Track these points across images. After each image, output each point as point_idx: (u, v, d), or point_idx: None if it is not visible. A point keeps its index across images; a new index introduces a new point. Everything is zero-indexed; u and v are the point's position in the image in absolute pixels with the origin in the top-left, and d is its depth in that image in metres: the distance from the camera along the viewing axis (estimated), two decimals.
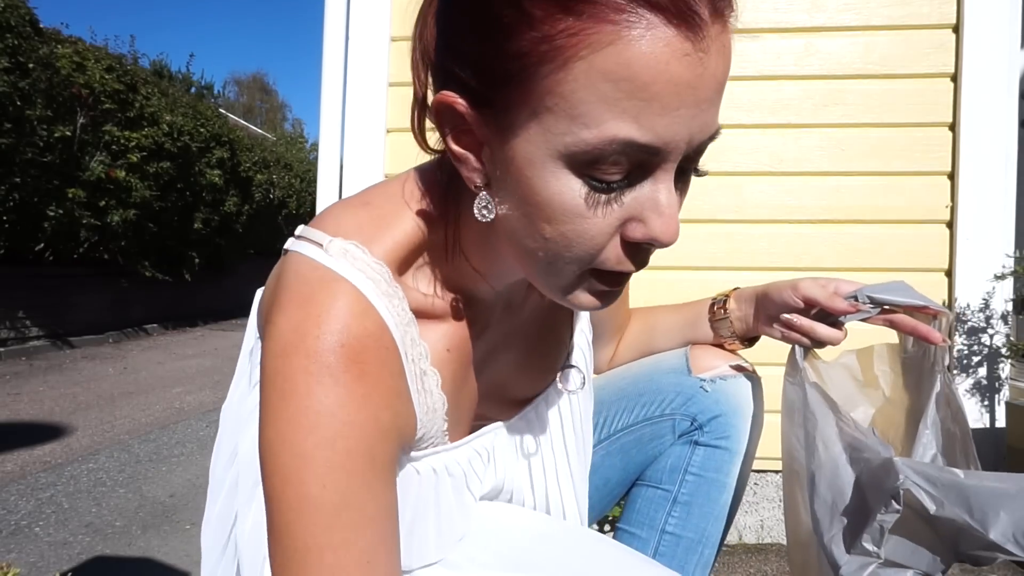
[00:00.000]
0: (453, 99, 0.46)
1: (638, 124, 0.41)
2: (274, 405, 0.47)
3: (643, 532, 0.82)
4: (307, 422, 0.46)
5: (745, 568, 1.79)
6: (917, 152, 1.92)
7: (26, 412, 3.65)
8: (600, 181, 0.43)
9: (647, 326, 0.91)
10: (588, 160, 0.42)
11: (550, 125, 0.43)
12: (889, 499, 0.58)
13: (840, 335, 0.75)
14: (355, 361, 0.48)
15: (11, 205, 5.46)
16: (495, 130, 0.46)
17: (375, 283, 0.50)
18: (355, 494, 0.47)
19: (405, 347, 0.53)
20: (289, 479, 0.46)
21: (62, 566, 1.83)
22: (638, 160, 0.43)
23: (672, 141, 0.43)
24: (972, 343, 1.92)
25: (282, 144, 13.73)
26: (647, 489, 0.83)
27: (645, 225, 0.45)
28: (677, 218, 0.46)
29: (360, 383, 0.48)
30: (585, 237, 0.45)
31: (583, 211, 0.44)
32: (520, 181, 0.45)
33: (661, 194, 0.45)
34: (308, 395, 0.46)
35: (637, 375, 0.87)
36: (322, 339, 0.47)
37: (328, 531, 0.46)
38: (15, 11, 5.20)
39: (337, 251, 0.50)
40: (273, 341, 0.48)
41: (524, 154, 0.44)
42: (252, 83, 31.00)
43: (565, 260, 0.47)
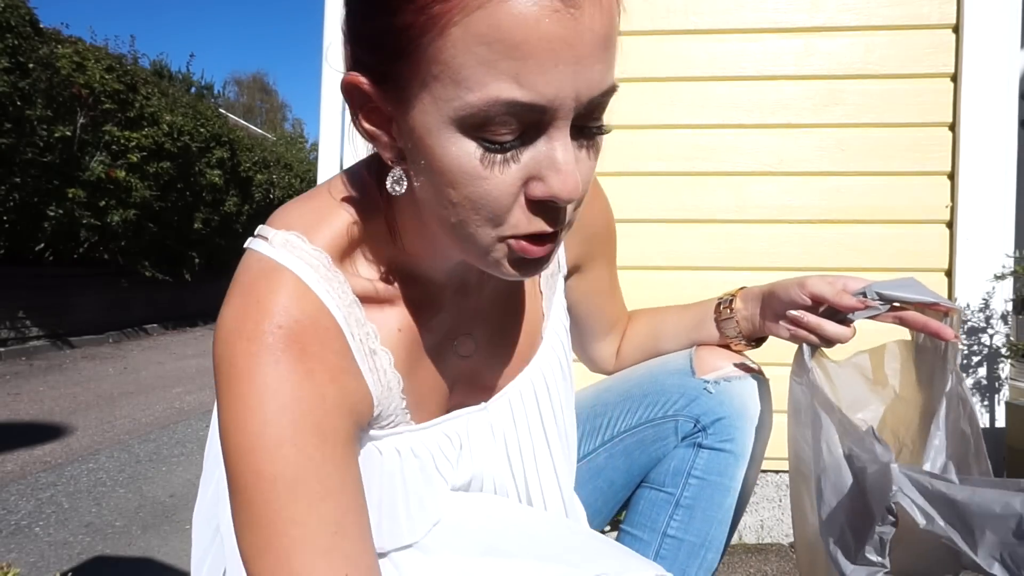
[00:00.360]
0: (357, 79, 0.48)
1: (518, 84, 0.42)
2: (223, 390, 0.50)
3: (644, 534, 0.81)
4: (252, 402, 0.48)
5: (745, 568, 1.79)
6: (917, 152, 1.92)
7: (26, 412, 3.65)
8: (492, 142, 0.44)
9: (653, 328, 0.90)
10: (477, 123, 0.43)
11: (439, 93, 0.44)
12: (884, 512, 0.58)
13: (849, 333, 0.73)
14: (295, 341, 0.50)
15: (11, 205, 5.46)
16: (396, 104, 0.48)
17: (314, 268, 0.53)
18: (308, 467, 0.48)
19: (350, 328, 0.55)
20: (243, 458, 0.48)
21: (62, 566, 1.83)
22: (528, 119, 0.44)
23: (557, 98, 0.43)
24: (972, 343, 1.92)
25: (282, 144, 13.73)
26: (650, 491, 0.83)
27: (544, 183, 0.46)
28: (576, 174, 0.46)
29: (301, 361, 0.50)
30: (489, 198, 0.46)
31: (480, 172, 0.45)
32: (422, 150, 0.47)
33: (557, 151, 0.45)
34: (251, 376, 0.49)
35: (641, 376, 0.86)
36: (261, 322, 0.50)
37: (289, 504, 0.47)
38: (15, 11, 5.21)
39: (279, 242, 0.53)
40: (218, 330, 0.51)
41: (422, 124, 0.46)
42: (252, 83, 31.01)
43: (476, 223, 0.48)
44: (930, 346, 0.73)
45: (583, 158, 0.48)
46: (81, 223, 6.18)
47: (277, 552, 0.47)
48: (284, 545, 0.47)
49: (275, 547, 0.47)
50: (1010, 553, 0.53)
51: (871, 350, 0.79)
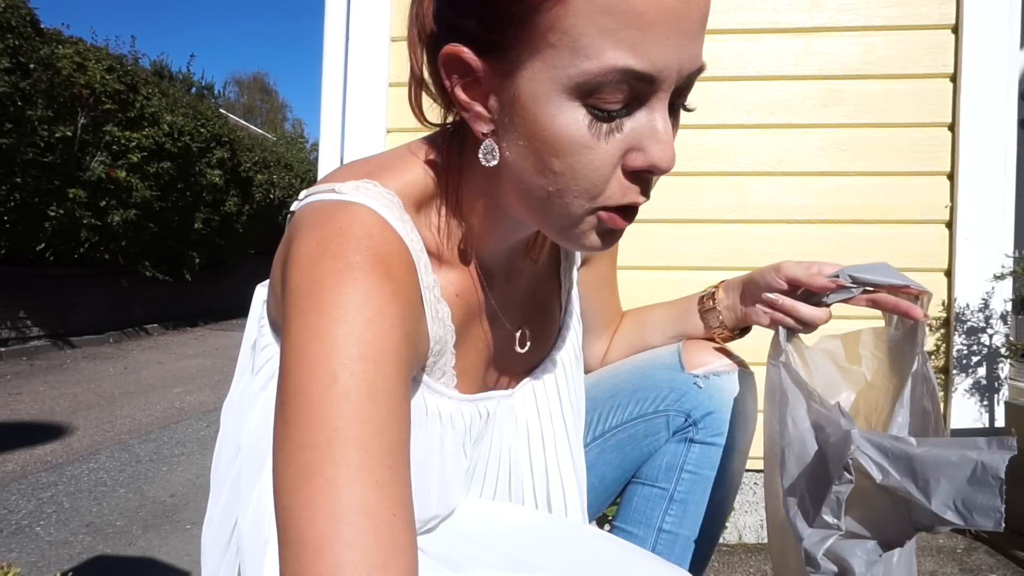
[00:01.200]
0: (459, 49, 0.49)
1: (634, 53, 0.44)
2: (302, 307, 0.46)
3: (640, 531, 0.82)
4: (336, 314, 0.45)
5: (745, 568, 1.79)
6: (917, 152, 1.92)
7: (27, 412, 3.65)
8: (601, 110, 0.46)
9: (639, 322, 0.92)
10: (590, 90, 0.45)
11: (553, 60, 0.45)
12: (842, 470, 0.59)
13: (823, 315, 0.75)
14: (381, 262, 0.48)
15: (12, 205, 5.46)
16: (500, 74, 0.48)
17: (388, 209, 0.52)
18: (383, 389, 0.45)
19: (420, 270, 0.54)
20: (316, 369, 0.44)
21: (63, 566, 1.83)
22: (635, 89, 0.46)
23: (665, 69, 0.45)
24: (972, 343, 1.92)
25: (282, 144, 13.73)
26: (643, 487, 0.84)
27: (645, 153, 0.48)
28: (673, 145, 0.48)
29: (388, 281, 0.48)
30: (591, 167, 0.47)
31: (588, 140, 0.46)
32: (527, 119, 0.48)
33: (658, 122, 0.47)
34: (336, 289, 0.46)
35: (630, 371, 0.87)
36: (346, 244, 0.48)
37: (355, 424, 0.43)
38: (16, 11, 5.21)
39: (348, 188, 0.52)
40: (297, 260, 0.48)
41: (530, 91, 0.47)
42: (252, 83, 31.01)
43: (574, 193, 0.49)
44: (902, 331, 0.74)
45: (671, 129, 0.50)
46: (82, 223, 6.18)
47: (330, 476, 0.41)
48: (339, 469, 0.41)
49: (328, 470, 0.41)
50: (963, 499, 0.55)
51: (844, 335, 0.80)
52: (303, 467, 0.42)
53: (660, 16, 0.43)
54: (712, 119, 1.98)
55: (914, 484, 0.56)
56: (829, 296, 0.74)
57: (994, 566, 1.71)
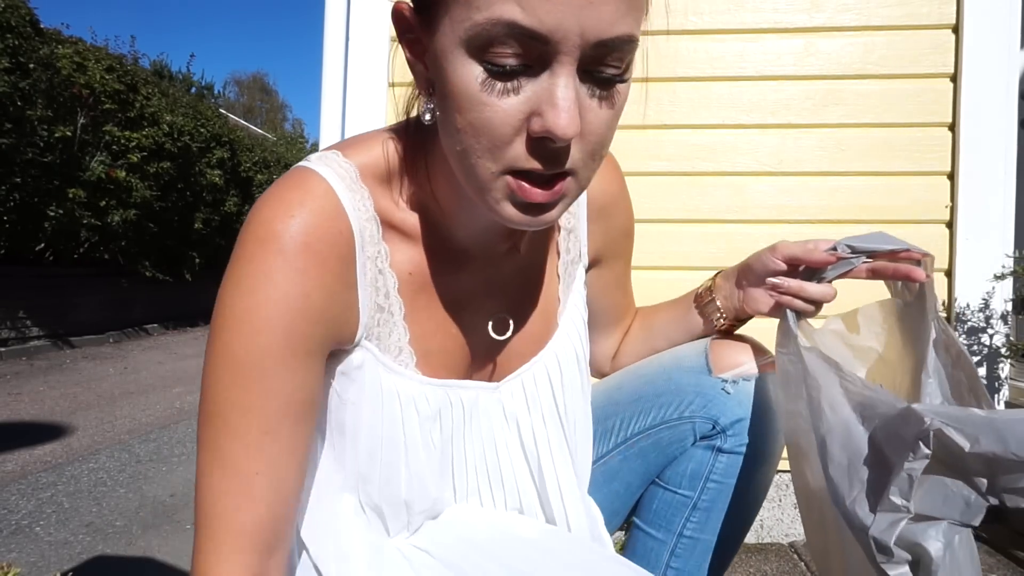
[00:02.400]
0: (402, 5, 0.51)
1: (521, 7, 0.43)
2: (228, 270, 0.52)
3: (660, 534, 0.79)
4: (245, 285, 0.51)
5: (745, 568, 1.79)
6: (917, 152, 1.92)
7: (26, 412, 3.65)
8: (496, 65, 0.45)
9: (645, 327, 0.89)
10: (481, 43, 0.45)
11: (455, 14, 0.46)
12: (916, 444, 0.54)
13: (830, 292, 0.73)
14: (301, 232, 0.52)
15: (12, 205, 5.46)
16: (427, 31, 0.50)
17: (340, 178, 0.55)
18: (266, 363, 0.51)
19: (363, 240, 0.56)
20: (221, 337, 0.51)
21: (63, 566, 1.83)
22: (531, 49, 0.45)
23: (559, 29, 0.44)
24: (972, 343, 1.92)
25: (282, 144, 13.73)
26: (665, 492, 0.80)
27: (542, 117, 0.46)
28: (572, 111, 0.46)
29: (301, 255, 0.52)
30: (489, 125, 0.47)
31: (483, 96, 0.46)
32: (440, 75, 0.49)
33: (558, 88, 0.45)
34: (251, 260, 0.51)
35: (654, 374, 0.83)
36: (276, 209, 0.52)
37: (240, 391, 0.50)
38: (16, 11, 5.20)
39: (315, 157, 0.56)
40: (243, 225, 0.53)
41: (441, 47, 0.48)
42: (252, 83, 30.99)
43: (477, 153, 0.49)
44: (911, 300, 0.71)
45: (592, 106, 0.48)
46: (81, 223, 6.17)
47: (214, 429, 0.51)
48: (220, 426, 0.51)
49: (214, 424, 0.51)
50: None
51: (844, 314, 0.78)
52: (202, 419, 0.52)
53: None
54: (712, 119, 1.97)
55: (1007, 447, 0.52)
56: (829, 271, 0.72)
57: (994, 566, 1.71)
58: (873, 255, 0.72)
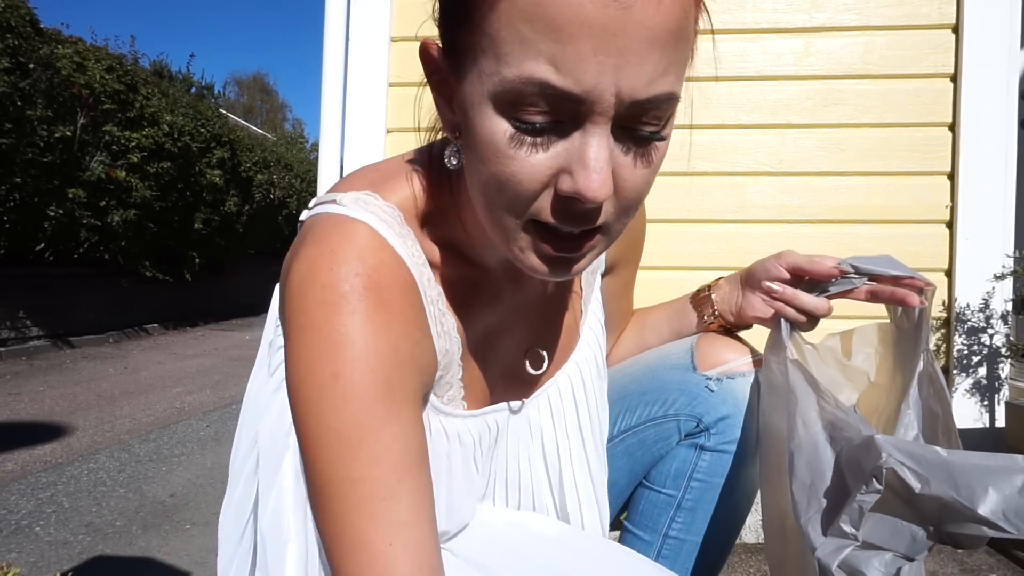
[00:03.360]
0: (431, 45, 0.49)
1: (554, 67, 0.41)
2: (294, 341, 0.48)
3: (646, 535, 0.80)
4: (325, 352, 0.47)
5: (745, 568, 1.79)
6: (917, 152, 1.92)
7: (26, 412, 3.65)
8: (523, 122, 0.43)
9: (639, 323, 0.90)
10: (510, 100, 0.43)
11: (484, 66, 0.44)
12: (870, 478, 0.56)
13: (825, 307, 0.72)
14: (372, 290, 0.48)
15: (12, 205, 5.46)
16: (455, 76, 0.48)
17: (387, 224, 0.52)
18: (371, 425, 0.47)
19: (423, 285, 0.54)
20: (310, 411, 0.47)
21: (62, 566, 1.83)
22: (563, 108, 0.42)
23: (594, 90, 0.41)
24: (972, 343, 1.92)
25: (282, 144, 13.73)
26: (650, 492, 0.80)
27: (572, 177, 0.44)
28: (605, 174, 0.43)
29: (378, 311, 0.48)
30: (514, 180, 0.45)
31: (508, 151, 0.44)
32: (467, 124, 0.47)
33: (590, 147, 0.43)
34: (325, 325, 0.47)
35: (641, 372, 0.84)
36: (338, 270, 0.48)
37: (347, 463, 0.46)
38: (15, 11, 5.20)
39: (349, 201, 0.52)
40: (290, 283, 0.49)
41: (468, 96, 0.46)
42: (252, 83, 31.01)
43: (500, 204, 0.47)
44: (906, 327, 0.72)
45: (627, 163, 0.45)
46: (81, 223, 6.17)
47: (334, 511, 0.47)
48: (339, 508, 0.47)
49: (332, 508, 0.47)
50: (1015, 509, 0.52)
51: (842, 333, 0.78)
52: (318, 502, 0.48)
53: (582, 31, 0.39)
54: (712, 119, 1.97)
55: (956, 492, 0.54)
56: (831, 286, 0.72)
57: (994, 566, 1.71)
58: (876, 278, 0.72)
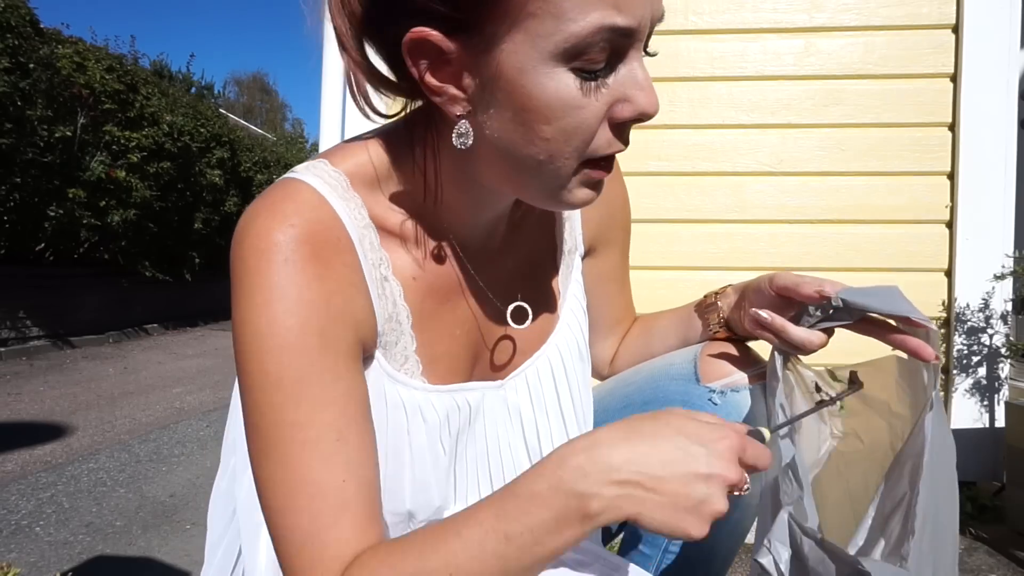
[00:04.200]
0: (426, 32, 0.48)
1: (618, 9, 0.45)
2: (234, 290, 0.50)
3: (647, 549, 0.78)
4: (260, 300, 0.49)
5: (745, 568, 1.79)
6: (917, 152, 1.92)
7: (26, 412, 3.65)
8: (588, 71, 0.47)
9: (646, 330, 0.87)
10: (577, 52, 0.46)
11: (536, 29, 0.45)
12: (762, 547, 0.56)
13: (816, 340, 0.65)
14: (305, 242, 0.50)
15: (11, 205, 5.46)
16: (475, 52, 0.48)
17: (331, 187, 0.54)
18: (311, 371, 0.49)
19: (363, 248, 0.55)
20: (250, 356, 0.49)
21: (62, 566, 1.83)
22: (616, 45, 0.47)
23: (643, 20, 0.47)
24: (972, 343, 1.92)
25: (282, 144, 13.73)
26: None
27: (631, 102, 0.49)
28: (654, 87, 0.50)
29: (311, 263, 0.50)
30: (583, 126, 0.48)
31: (580, 100, 0.47)
32: (511, 92, 0.48)
33: (638, 72, 0.49)
34: (259, 275, 0.49)
35: (643, 381, 0.81)
36: (273, 223, 0.50)
37: (291, 407, 0.48)
38: (16, 11, 5.20)
39: (301, 168, 0.55)
40: (234, 238, 0.51)
41: (513, 64, 0.47)
42: (252, 83, 31.01)
43: (564, 155, 0.50)
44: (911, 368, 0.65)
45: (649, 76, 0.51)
46: (81, 223, 6.17)
47: (280, 454, 0.48)
48: (286, 448, 0.48)
49: (278, 450, 0.48)
50: None
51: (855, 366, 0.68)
52: (260, 446, 0.49)
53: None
54: (712, 119, 1.97)
55: None
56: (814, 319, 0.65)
57: (994, 566, 1.71)
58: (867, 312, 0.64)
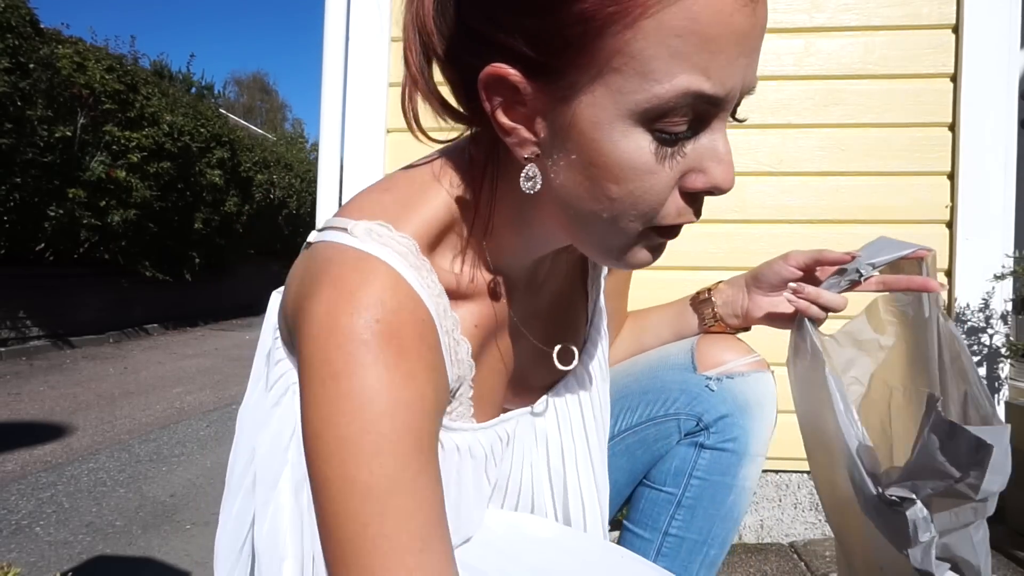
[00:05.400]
0: (504, 70, 0.46)
1: (707, 76, 0.43)
2: (315, 390, 0.46)
3: (646, 533, 0.81)
4: (350, 405, 0.45)
5: (745, 568, 1.79)
6: (917, 152, 1.92)
7: (26, 412, 3.65)
8: (668, 134, 0.45)
9: (637, 325, 0.90)
10: (658, 114, 0.44)
11: (618, 85, 0.43)
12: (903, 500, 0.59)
13: (843, 301, 0.75)
14: (393, 336, 0.46)
15: (12, 205, 5.46)
16: (553, 98, 0.46)
17: (403, 256, 0.49)
18: (403, 478, 0.45)
19: (439, 319, 0.52)
20: (335, 465, 0.45)
21: (63, 566, 1.83)
22: (700, 111, 0.45)
23: (733, 90, 0.45)
24: (972, 343, 1.92)
25: (282, 144, 13.71)
26: (650, 491, 0.82)
27: (706, 174, 0.47)
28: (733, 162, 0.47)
29: (401, 360, 0.46)
30: (652, 192, 0.47)
31: (652, 166, 0.45)
32: (584, 145, 0.46)
33: (719, 143, 0.47)
34: (349, 376, 0.45)
35: (641, 372, 0.84)
36: (356, 316, 0.46)
37: (379, 518, 0.44)
38: (16, 11, 5.21)
39: (362, 232, 0.50)
40: (308, 326, 0.47)
41: (589, 117, 0.45)
42: (252, 83, 31.00)
43: (629, 218, 0.48)
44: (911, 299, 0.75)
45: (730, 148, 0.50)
46: (81, 223, 6.17)
47: (364, 564, 0.44)
48: (370, 562, 0.44)
49: (361, 563, 0.44)
50: None
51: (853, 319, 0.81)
52: (340, 555, 0.44)
53: (731, 38, 0.43)
54: None
55: None
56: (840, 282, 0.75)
57: (994, 566, 1.71)
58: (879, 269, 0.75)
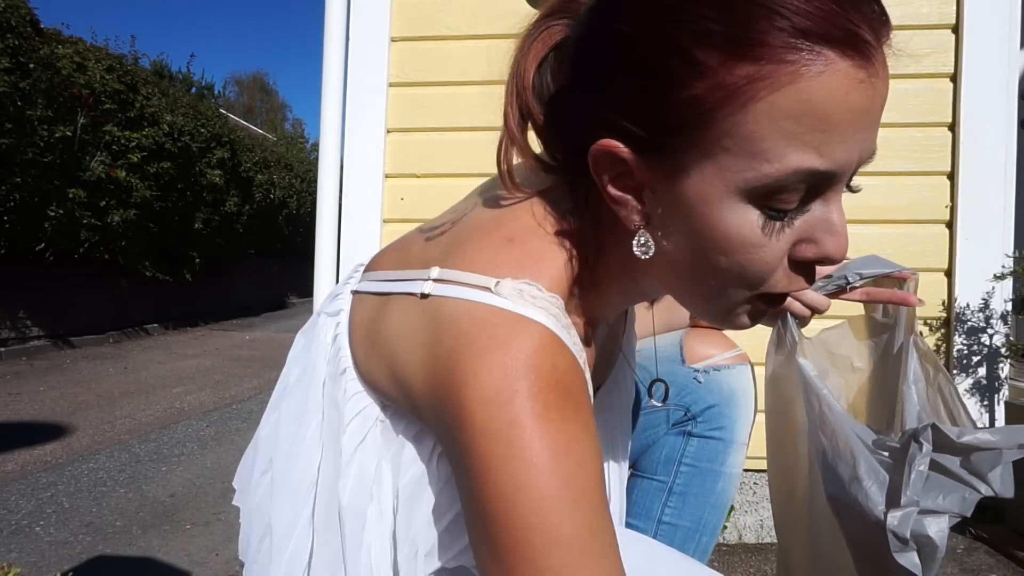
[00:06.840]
0: (614, 146, 0.47)
1: (819, 154, 0.43)
2: (501, 454, 0.45)
3: (640, 522, 0.85)
4: (545, 464, 0.45)
5: (745, 568, 1.79)
6: (917, 152, 1.92)
7: (26, 412, 3.65)
8: (776, 210, 0.45)
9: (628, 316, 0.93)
10: (768, 192, 0.44)
11: (728, 164, 0.44)
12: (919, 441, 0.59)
13: (827, 302, 0.76)
14: (569, 395, 0.48)
15: (12, 205, 5.46)
16: (661, 173, 0.47)
17: (555, 318, 0.50)
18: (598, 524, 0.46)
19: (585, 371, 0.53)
20: (534, 526, 0.44)
21: (63, 566, 1.83)
22: (816, 186, 0.45)
23: (848, 164, 0.45)
24: (972, 343, 1.92)
25: (282, 144, 13.72)
26: (642, 480, 0.86)
27: (818, 245, 0.47)
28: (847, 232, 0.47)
29: (579, 414, 0.48)
30: (760, 264, 0.47)
31: (760, 240, 0.46)
32: (692, 218, 0.47)
33: (833, 214, 0.47)
34: (541, 436, 0.45)
35: None
36: (538, 379, 0.46)
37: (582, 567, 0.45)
38: (16, 11, 5.21)
39: (510, 292, 0.50)
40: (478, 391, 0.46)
41: (698, 193, 0.46)
42: (252, 83, 30.99)
43: (736, 286, 0.49)
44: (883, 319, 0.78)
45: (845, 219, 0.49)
46: (81, 223, 6.18)
47: None
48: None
49: None
50: None
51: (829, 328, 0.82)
52: None
53: (848, 116, 0.42)
54: None
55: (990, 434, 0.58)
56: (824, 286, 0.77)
57: (994, 566, 1.71)
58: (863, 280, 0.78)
